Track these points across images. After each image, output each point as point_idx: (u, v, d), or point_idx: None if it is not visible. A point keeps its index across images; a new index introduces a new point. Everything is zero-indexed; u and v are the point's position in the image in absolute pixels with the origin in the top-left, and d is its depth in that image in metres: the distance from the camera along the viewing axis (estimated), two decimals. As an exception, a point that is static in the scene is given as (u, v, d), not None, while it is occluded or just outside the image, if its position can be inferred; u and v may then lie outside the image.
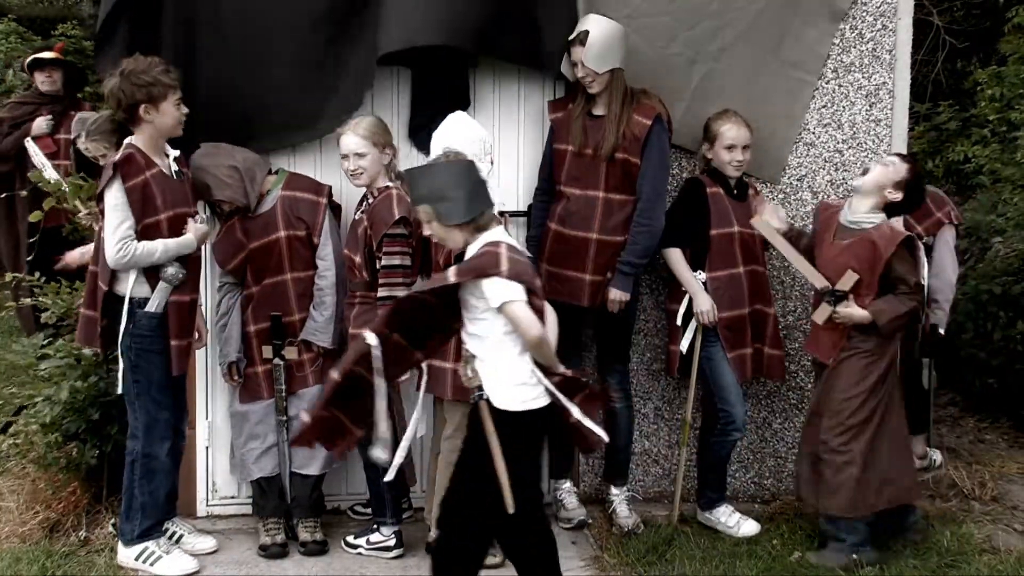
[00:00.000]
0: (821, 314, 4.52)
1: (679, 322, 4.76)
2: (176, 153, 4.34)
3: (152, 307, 4.21)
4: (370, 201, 4.46)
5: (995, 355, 6.41)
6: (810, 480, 4.58)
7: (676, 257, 4.71)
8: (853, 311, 4.44)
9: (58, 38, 11.25)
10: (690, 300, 4.72)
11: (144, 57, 4.19)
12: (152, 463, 4.29)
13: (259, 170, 4.53)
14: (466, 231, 3.52)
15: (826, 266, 4.57)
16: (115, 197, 4.11)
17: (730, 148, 4.67)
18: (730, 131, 4.67)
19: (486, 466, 3.47)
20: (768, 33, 4.96)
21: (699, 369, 4.79)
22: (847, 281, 4.47)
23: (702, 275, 4.70)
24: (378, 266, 4.35)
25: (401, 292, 4.20)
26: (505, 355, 3.51)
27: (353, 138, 4.39)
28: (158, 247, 4.16)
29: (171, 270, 4.22)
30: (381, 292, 4.31)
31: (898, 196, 4.50)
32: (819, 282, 4.53)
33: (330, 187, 4.66)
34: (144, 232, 4.15)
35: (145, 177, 4.15)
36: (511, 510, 3.45)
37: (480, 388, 3.51)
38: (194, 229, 4.29)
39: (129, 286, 4.20)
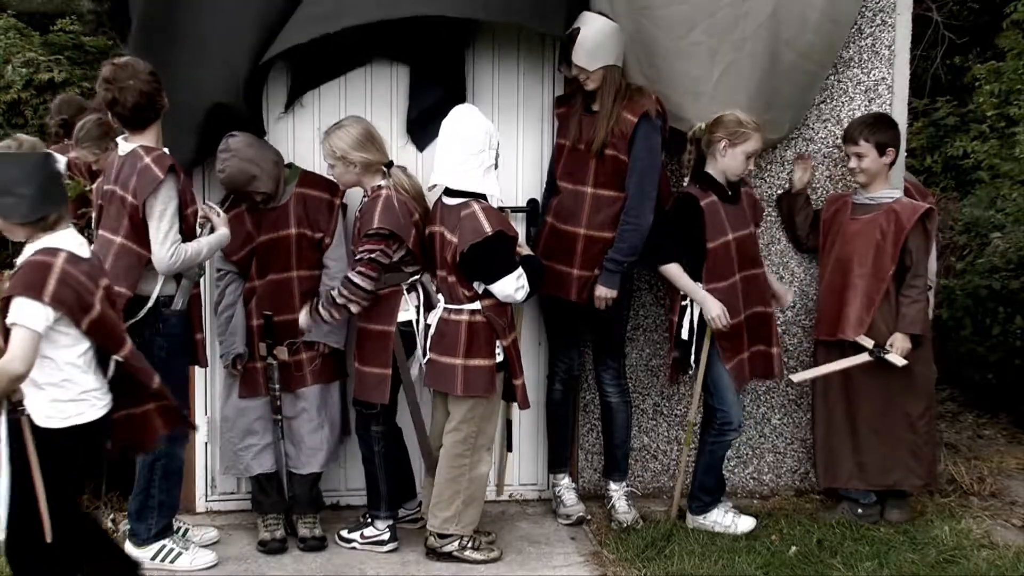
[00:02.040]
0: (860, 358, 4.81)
1: (684, 335, 4.72)
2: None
3: (178, 305, 4.18)
4: (364, 200, 4.47)
5: (994, 350, 6.41)
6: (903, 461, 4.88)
7: (676, 271, 4.65)
8: (900, 348, 4.73)
9: (56, 34, 11.26)
10: (690, 308, 4.70)
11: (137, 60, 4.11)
12: (173, 463, 4.29)
13: (282, 164, 4.54)
14: (29, 230, 3.30)
15: (851, 241, 4.82)
16: (168, 199, 4.02)
17: (750, 157, 4.62)
18: (756, 138, 4.60)
19: (27, 486, 3.20)
20: (786, 23, 4.83)
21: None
22: (891, 340, 4.76)
23: (701, 286, 4.67)
24: (355, 256, 4.38)
25: (365, 283, 4.27)
26: (45, 371, 3.25)
27: (326, 145, 4.43)
28: (203, 245, 4.15)
29: (195, 267, 4.22)
30: (351, 275, 4.31)
31: (892, 156, 4.83)
32: (868, 343, 4.78)
33: (344, 188, 4.64)
34: None
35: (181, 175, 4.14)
36: (49, 538, 3.20)
37: (21, 403, 3.20)
38: (224, 220, 4.29)
39: (158, 287, 4.13)
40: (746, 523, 4.78)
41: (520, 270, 4.32)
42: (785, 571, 4.39)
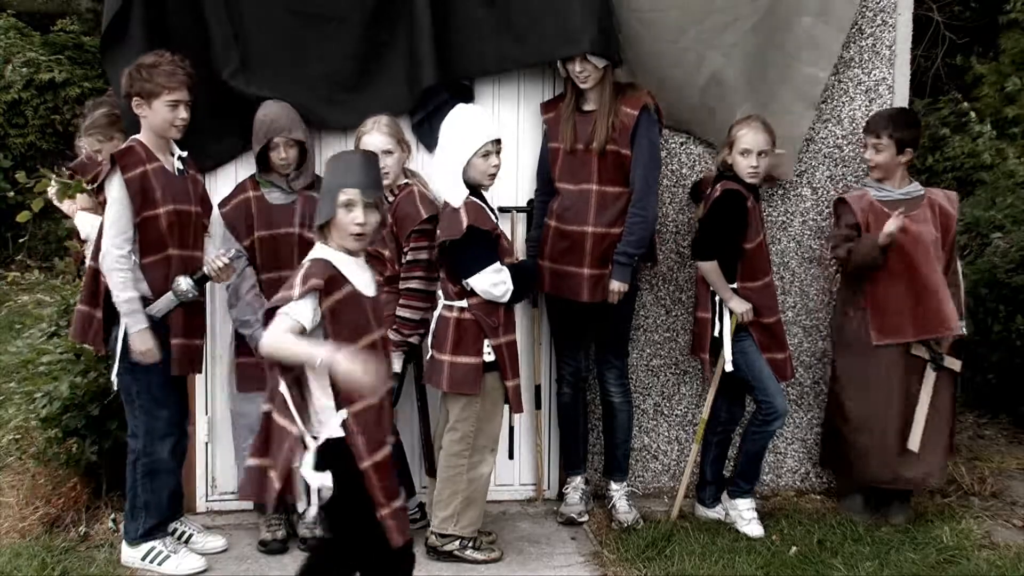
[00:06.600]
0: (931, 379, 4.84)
1: (716, 333, 4.71)
2: (182, 153, 4.30)
3: (154, 310, 4.15)
4: (390, 200, 4.46)
5: (994, 350, 6.40)
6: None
7: (713, 268, 4.63)
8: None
9: (57, 34, 11.27)
10: (718, 306, 4.71)
11: (164, 52, 4.17)
12: (154, 463, 4.27)
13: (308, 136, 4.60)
14: None
15: (913, 239, 4.70)
16: (116, 190, 4.10)
17: (744, 153, 4.59)
18: (746, 136, 4.58)
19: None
20: (778, 29, 4.85)
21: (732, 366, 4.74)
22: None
23: (733, 285, 4.67)
24: (403, 260, 4.44)
25: (421, 284, 4.41)
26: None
27: (379, 136, 4.41)
28: (123, 296, 4.09)
29: (183, 286, 4.15)
30: (404, 284, 4.43)
31: (908, 156, 4.78)
32: (926, 354, 4.81)
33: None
34: (143, 224, 4.13)
35: (144, 169, 4.12)
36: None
37: None
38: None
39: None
40: (756, 529, 4.77)
41: (498, 265, 4.28)
42: (785, 571, 4.39)
